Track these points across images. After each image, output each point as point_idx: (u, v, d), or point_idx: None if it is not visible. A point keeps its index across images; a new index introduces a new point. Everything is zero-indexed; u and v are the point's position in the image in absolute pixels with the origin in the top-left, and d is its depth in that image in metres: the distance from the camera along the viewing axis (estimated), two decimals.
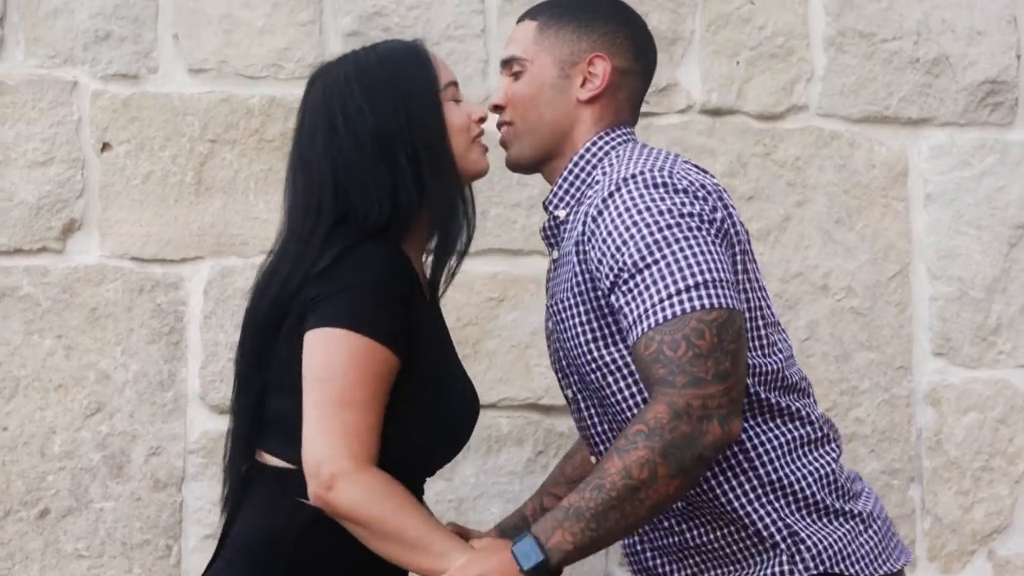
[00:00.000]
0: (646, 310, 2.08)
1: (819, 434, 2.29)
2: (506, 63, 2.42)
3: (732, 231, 2.21)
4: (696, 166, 2.30)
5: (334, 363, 2.10)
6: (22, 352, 3.03)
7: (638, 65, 2.42)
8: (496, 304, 3.16)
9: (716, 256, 2.11)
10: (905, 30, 3.32)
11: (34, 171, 3.05)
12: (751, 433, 2.22)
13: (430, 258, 2.38)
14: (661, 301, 2.08)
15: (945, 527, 3.29)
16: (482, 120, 2.39)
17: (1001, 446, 3.30)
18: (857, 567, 2.22)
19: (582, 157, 2.34)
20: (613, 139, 2.35)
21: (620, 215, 2.15)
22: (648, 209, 2.14)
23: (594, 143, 2.34)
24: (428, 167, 2.28)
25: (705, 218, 2.15)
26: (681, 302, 2.07)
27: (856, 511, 2.27)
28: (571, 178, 2.35)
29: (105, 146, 3.08)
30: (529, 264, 3.17)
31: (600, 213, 2.18)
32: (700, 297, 2.07)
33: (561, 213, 2.36)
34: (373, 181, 2.24)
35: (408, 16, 3.17)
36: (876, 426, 3.27)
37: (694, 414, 2.02)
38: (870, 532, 2.27)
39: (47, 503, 3.02)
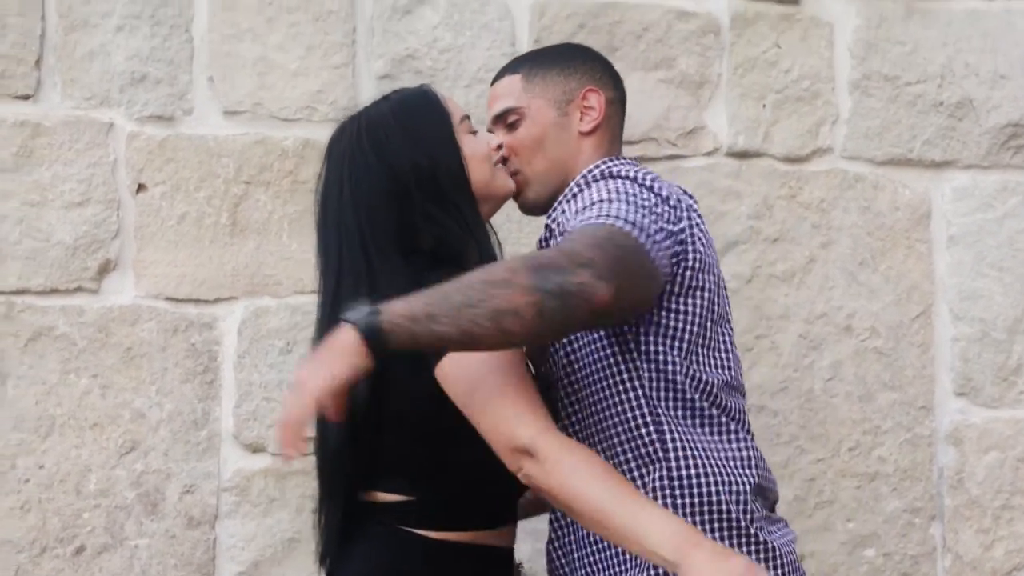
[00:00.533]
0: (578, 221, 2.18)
1: (743, 454, 2.32)
2: (500, 117, 2.53)
3: (691, 246, 2.28)
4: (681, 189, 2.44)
5: (476, 370, 2.16)
6: (58, 391, 3.07)
7: (618, 94, 2.59)
8: None
9: (652, 223, 2.19)
10: (929, 73, 3.36)
11: (70, 212, 3.09)
12: (674, 429, 2.25)
13: None
14: (590, 217, 2.17)
15: (966, 565, 3.33)
16: (500, 147, 2.48)
17: (1022, 484, 3.34)
18: None
19: (583, 176, 2.39)
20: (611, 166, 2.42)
21: (593, 191, 2.26)
22: (618, 191, 2.24)
23: (596, 165, 2.41)
24: (460, 201, 2.34)
25: (664, 215, 2.24)
26: (606, 218, 2.15)
27: (763, 540, 2.29)
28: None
29: (140, 187, 3.12)
30: None
31: (578, 192, 2.31)
32: (623, 224, 2.14)
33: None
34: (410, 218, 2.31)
35: (440, 59, 3.22)
36: (898, 465, 3.31)
37: (576, 260, 1.99)
38: (772, 565, 2.28)
39: (83, 540, 3.06)
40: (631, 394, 2.25)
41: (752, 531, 2.23)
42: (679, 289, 2.27)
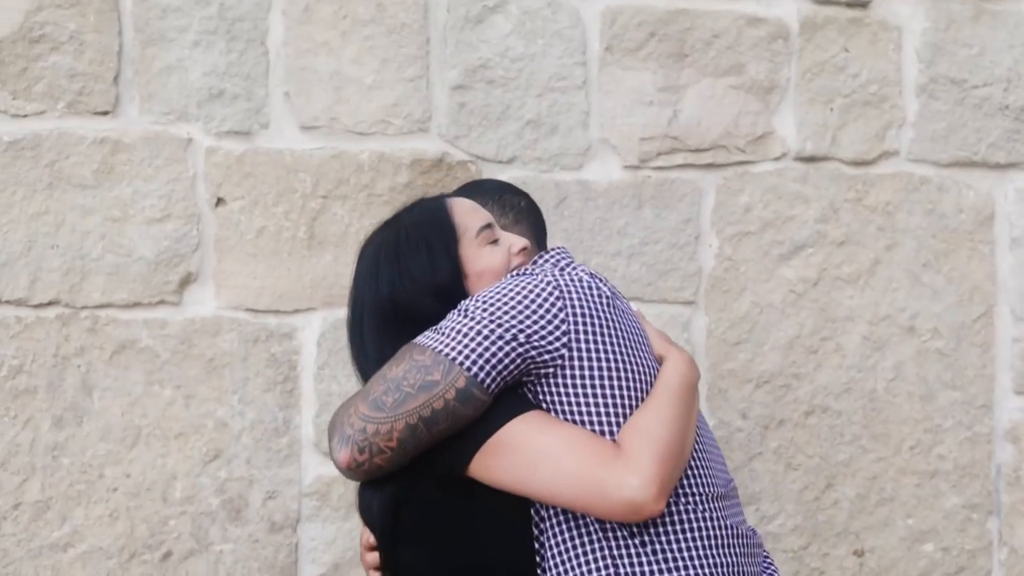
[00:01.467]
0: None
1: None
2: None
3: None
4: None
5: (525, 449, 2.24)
6: (143, 402, 3.15)
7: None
8: None
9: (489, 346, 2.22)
10: (996, 76, 3.38)
11: (152, 227, 3.14)
12: None
13: None
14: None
15: (1021, 558, 3.43)
16: (523, 249, 2.46)
17: None
18: None
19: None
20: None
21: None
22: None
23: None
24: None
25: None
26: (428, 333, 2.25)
27: None
28: None
29: (220, 201, 3.17)
30: None
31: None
32: (433, 336, 2.24)
33: None
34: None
35: (512, 68, 3.24)
36: (957, 463, 3.40)
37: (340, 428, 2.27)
38: None
39: (169, 546, 3.16)
40: None
41: None
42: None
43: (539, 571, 2.29)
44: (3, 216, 3.10)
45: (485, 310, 2.22)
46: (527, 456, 2.20)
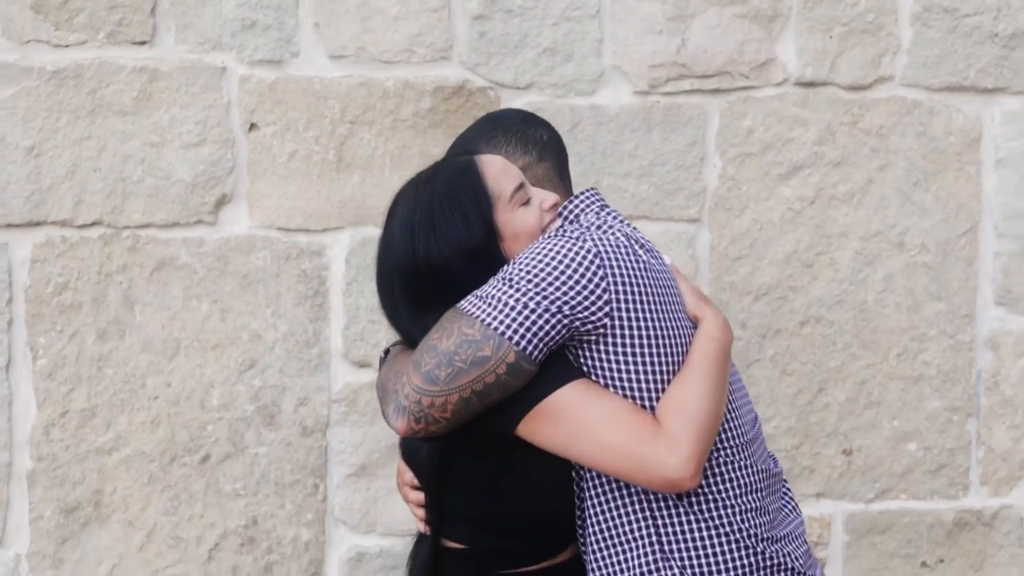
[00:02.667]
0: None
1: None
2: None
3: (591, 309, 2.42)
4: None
5: (590, 406, 2.40)
6: (182, 316, 3.34)
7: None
8: None
9: (535, 313, 2.36)
10: (986, 6, 3.55)
11: (188, 151, 3.30)
12: None
13: None
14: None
15: (996, 457, 3.68)
16: (554, 205, 2.56)
17: None
18: None
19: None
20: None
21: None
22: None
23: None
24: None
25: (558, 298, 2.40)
26: (473, 300, 2.39)
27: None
28: None
29: (253, 127, 3.33)
30: (639, 228, 3.47)
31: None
32: (480, 305, 2.37)
33: None
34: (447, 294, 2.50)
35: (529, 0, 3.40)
36: (941, 368, 3.63)
37: (394, 398, 2.43)
38: None
39: (208, 449, 3.38)
40: None
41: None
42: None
43: (579, 525, 2.50)
44: (48, 142, 3.26)
45: (530, 280, 2.35)
46: (572, 425, 2.36)
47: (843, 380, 3.59)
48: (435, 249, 2.45)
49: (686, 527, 2.42)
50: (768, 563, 2.45)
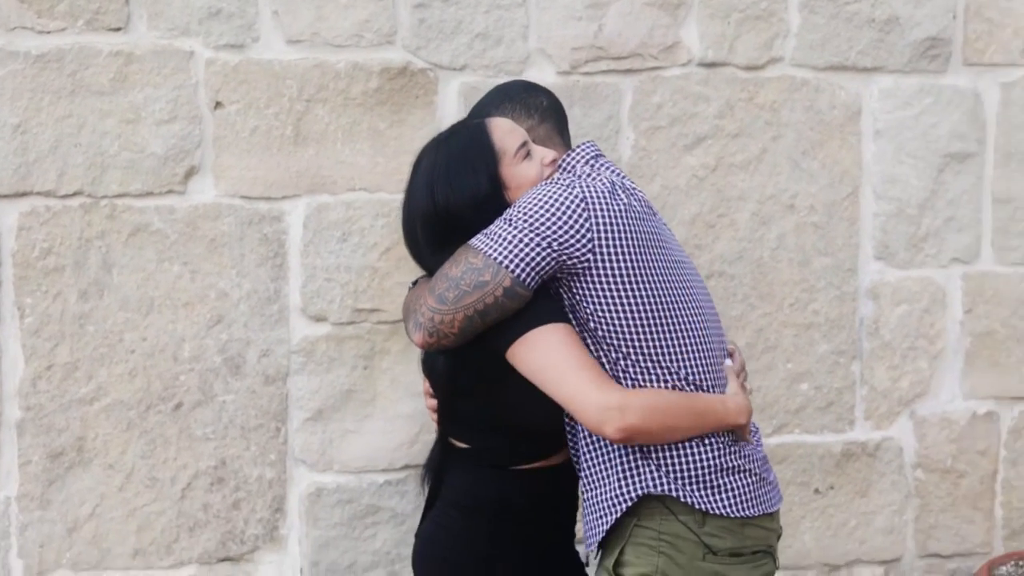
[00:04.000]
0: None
1: None
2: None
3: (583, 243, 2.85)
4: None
5: (548, 350, 2.83)
6: (155, 277, 3.68)
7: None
8: None
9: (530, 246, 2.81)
10: None
11: (160, 128, 3.64)
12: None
13: None
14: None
15: (878, 394, 4.15)
16: (552, 161, 3.01)
17: (924, 330, 4.16)
18: None
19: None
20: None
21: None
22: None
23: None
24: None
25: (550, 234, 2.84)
26: (479, 237, 2.85)
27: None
28: None
29: (218, 105, 3.68)
30: None
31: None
32: (484, 240, 2.83)
33: None
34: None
35: None
36: (828, 316, 4.09)
37: (415, 318, 2.90)
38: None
39: (180, 398, 3.72)
40: None
41: None
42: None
43: (570, 433, 2.94)
44: (33, 120, 3.58)
45: (525, 220, 2.79)
46: (543, 360, 2.81)
47: (743, 327, 4.03)
48: (451, 198, 2.90)
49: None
50: (733, 463, 2.90)
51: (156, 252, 3.68)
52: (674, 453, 2.86)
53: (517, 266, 2.79)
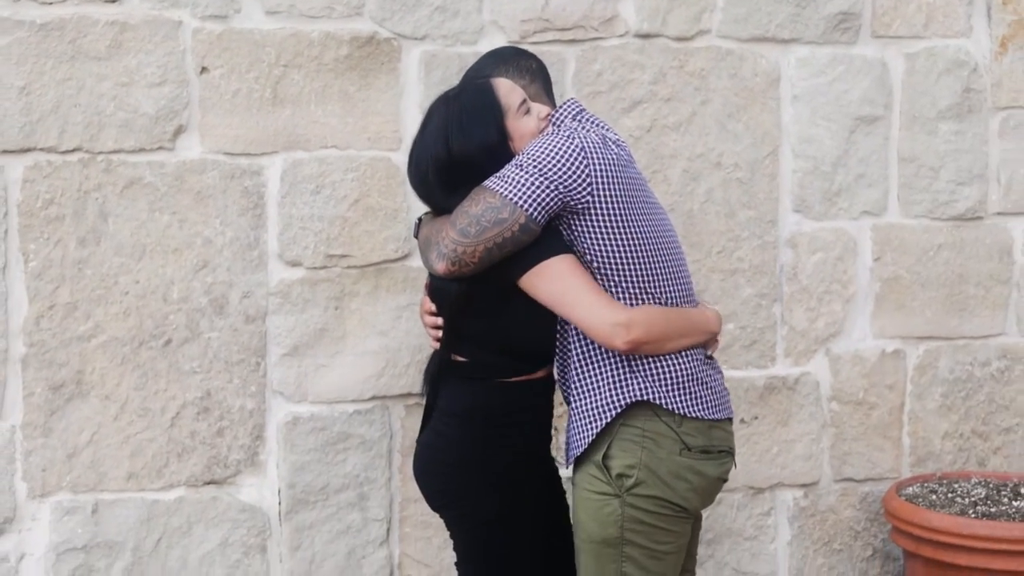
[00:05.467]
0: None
1: None
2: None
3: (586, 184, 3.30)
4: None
5: (560, 279, 3.29)
6: (147, 226, 4.06)
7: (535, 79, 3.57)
8: None
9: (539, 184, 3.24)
10: None
11: (152, 90, 4.02)
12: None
13: None
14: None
15: (797, 334, 4.60)
16: (547, 115, 3.45)
17: (838, 276, 4.60)
18: None
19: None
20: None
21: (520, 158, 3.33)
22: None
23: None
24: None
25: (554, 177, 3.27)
26: (494, 179, 3.28)
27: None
28: None
29: (204, 70, 4.06)
30: None
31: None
32: (500, 183, 3.26)
33: None
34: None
35: None
36: (752, 263, 4.53)
37: (437, 247, 3.31)
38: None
39: (170, 335, 4.10)
40: None
41: None
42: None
43: (561, 351, 3.40)
44: (36, 82, 3.95)
45: (535, 166, 3.23)
46: (557, 285, 3.28)
47: None
48: (465, 147, 3.34)
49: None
50: (704, 376, 3.42)
51: (148, 203, 4.05)
52: (656, 366, 3.33)
53: (530, 205, 3.23)
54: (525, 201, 3.23)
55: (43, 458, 4.04)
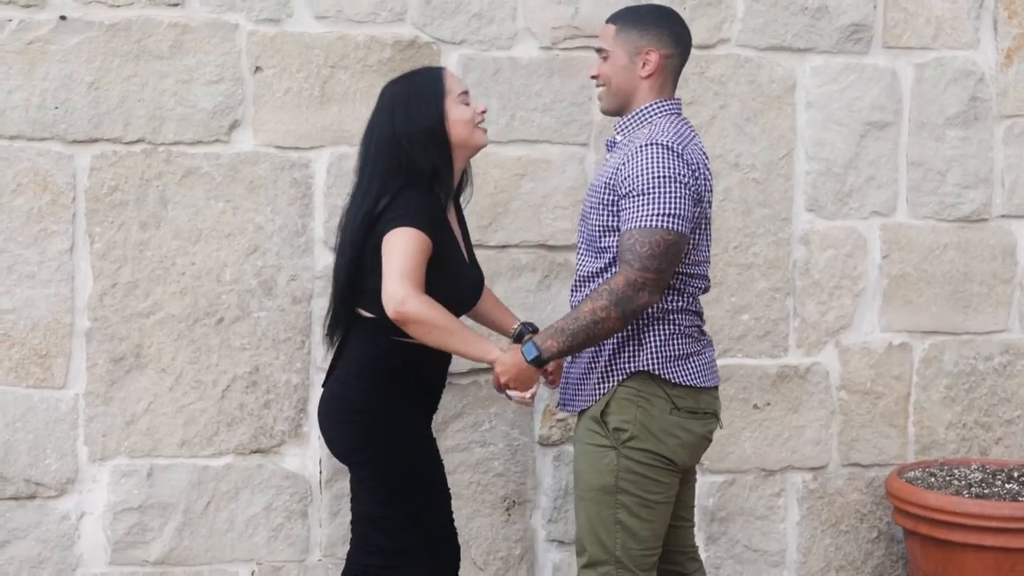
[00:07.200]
0: (638, 217, 3.56)
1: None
2: (598, 51, 3.82)
3: (699, 193, 3.66)
4: (698, 144, 3.74)
5: (400, 243, 3.64)
6: (203, 212, 4.39)
7: (678, 51, 3.80)
8: (519, 177, 4.60)
9: (684, 204, 3.56)
10: None
11: (210, 87, 4.36)
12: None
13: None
14: (646, 216, 3.55)
15: (808, 325, 4.86)
16: (483, 112, 3.84)
17: (848, 272, 4.87)
18: None
19: (637, 113, 3.75)
20: (659, 108, 3.74)
21: (642, 160, 3.60)
22: (657, 163, 3.59)
23: (649, 105, 3.75)
24: (436, 148, 3.77)
25: (687, 181, 3.59)
26: (657, 219, 3.54)
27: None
28: (629, 122, 3.76)
29: (258, 69, 4.39)
30: (542, 149, 4.60)
31: (634, 155, 3.63)
32: (667, 222, 3.55)
33: (618, 137, 3.79)
34: (406, 159, 3.74)
35: None
36: (767, 258, 4.80)
37: (637, 286, 3.55)
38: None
39: (222, 314, 4.42)
40: None
41: None
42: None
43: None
44: (104, 79, 4.29)
45: (671, 180, 3.59)
46: (396, 248, 3.66)
47: None
48: (408, 123, 3.73)
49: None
50: (695, 351, 3.76)
51: (204, 191, 4.38)
52: (653, 339, 3.67)
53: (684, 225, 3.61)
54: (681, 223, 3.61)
55: (103, 424, 4.37)
